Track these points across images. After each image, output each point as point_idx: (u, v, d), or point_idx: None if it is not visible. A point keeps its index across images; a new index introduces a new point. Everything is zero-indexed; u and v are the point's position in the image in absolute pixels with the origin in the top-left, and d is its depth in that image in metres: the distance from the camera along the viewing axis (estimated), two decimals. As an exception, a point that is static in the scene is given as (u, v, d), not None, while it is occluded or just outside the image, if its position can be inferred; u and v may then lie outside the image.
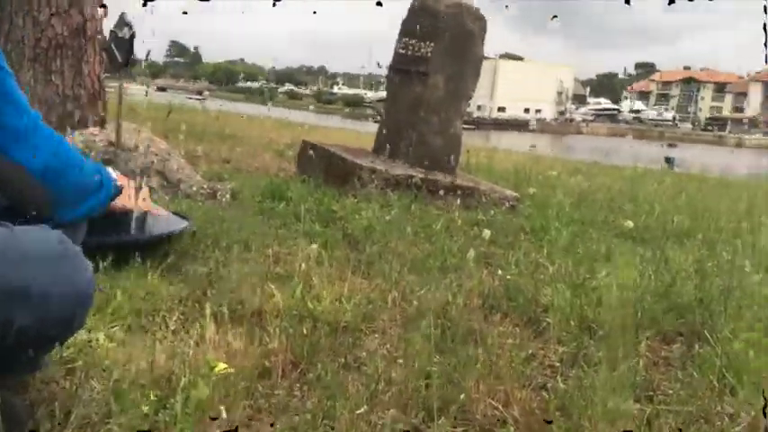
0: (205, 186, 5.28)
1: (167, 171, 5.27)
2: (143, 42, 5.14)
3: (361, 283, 3.18)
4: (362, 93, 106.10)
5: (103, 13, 5.56)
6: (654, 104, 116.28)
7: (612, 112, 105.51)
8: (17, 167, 1.71)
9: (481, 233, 4.58)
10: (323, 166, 6.11)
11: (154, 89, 32.73)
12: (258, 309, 2.68)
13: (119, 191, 2.04)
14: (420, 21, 6.08)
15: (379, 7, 1.84)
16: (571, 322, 2.94)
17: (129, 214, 2.61)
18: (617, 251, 4.48)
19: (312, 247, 3.27)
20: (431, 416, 2.02)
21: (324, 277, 3.12)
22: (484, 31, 6.16)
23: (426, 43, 6.02)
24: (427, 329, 2.58)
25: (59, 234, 1.52)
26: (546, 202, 6.30)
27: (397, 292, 3.07)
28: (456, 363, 2.33)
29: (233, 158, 7.93)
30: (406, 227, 4.51)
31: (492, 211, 5.33)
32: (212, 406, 1.80)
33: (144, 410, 1.73)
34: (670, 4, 1.73)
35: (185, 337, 2.33)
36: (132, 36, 4.40)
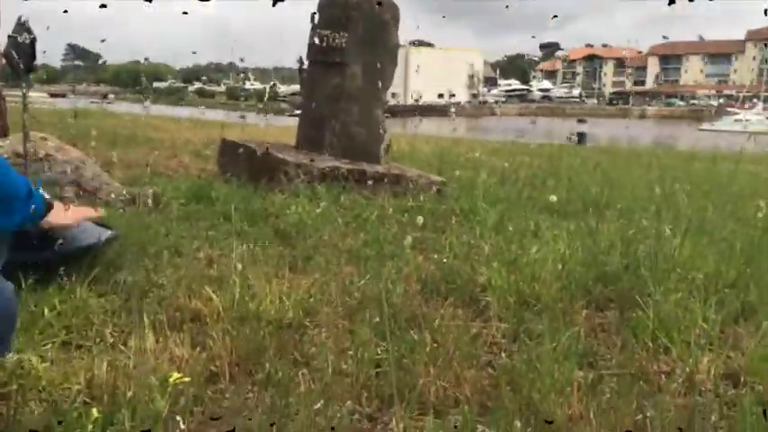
0: (124, 193, 5.07)
1: (82, 180, 5.03)
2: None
3: (300, 279, 3.14)
4: (276, 87, 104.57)
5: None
6: (561, 83, 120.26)
7: (522, 92, 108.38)
8: None
9: (413, 219, 4.61)
10: (246, 163, 5.99)
11: (47, 96, 30.73)
12: (197, 314, 2.61)
13: (49, 206, 1.94)
14: (332, 11, 6.04)
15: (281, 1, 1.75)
16: (509, 299, 3.01)
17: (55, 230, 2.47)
18: (544, 226, 4.62)
19: (245, 246, 3.21)
20: (386, 403, 2.03)
21: (261, 276, 3.06)
22: (397, 20, 6.18)
23: (340, 34, 5.99)
24: (372, 319, 2.58)
25: None
26: (471, 183, 6.41)
27: (336, 284, 3.06)
28: (404, 349, 2.34)
29: (150, 162, 7.66)
30: (337, 218, 4.49)
31: (421, 197, 5.38)
32: (162, 417, 1.74)
33: (89, 429, 1.65)
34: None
35: (124, 349, 2.24)
36: (33, 40, 4.15)
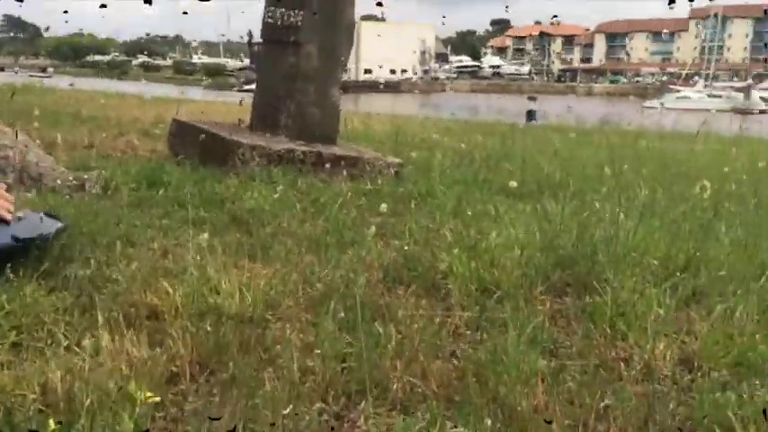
0: (71, 178, 4.88)
1: (25, 165, 4.81)
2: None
3: (260, 269, 3.08)
4: (224, 61, 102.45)
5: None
6: (511, 59, 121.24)
7: (474, 68, 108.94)
8: None
9: (372, 203, 4.59)
10: (198, 145, 5.84)
11: None
12: (154, 309, 2.53)
13: None
14: (287, -11, 5.90)
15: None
16: (470, 286, 3.02)
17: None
18: (501, 209, 4.65)
19: (203, 236, 3.12)
20: (353, 400, 2.01)
21: (219, 267, 2.98)
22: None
23: (295, 12, 5.86)
24: (335, 312, 2.55)
25: None
26: (428, 165, 6.41)
27: (297, 274, 3.01)
28: (369, 343, 2.32)
29: (96, 143, 7.40)
30: (295, 204, 4.43)
31: (379, 180, 5.35)
32: (122, 423, 1.68)
33: (47, 441, 1.58)
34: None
35: (78, 350, 2.15)
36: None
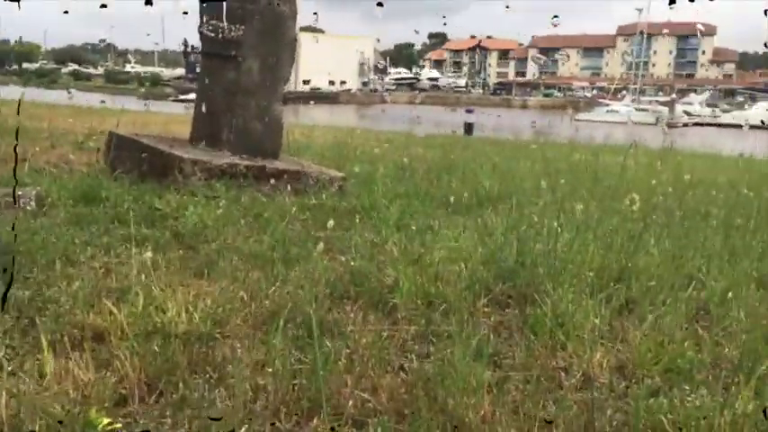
0: (2, 194, 4.71)
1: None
2: None
3: (206, 287, 3.07)
4: (159, 70, 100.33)
5: None
6: (448, 72, 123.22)
7: (412, 80, 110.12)
8: None
9: (316, 218, 4.63)
10: (137, 159, 5.73)
11: None
12: (99, 331, 2.50)
13: None
14: (227, 3, 5.87)
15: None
16: (416, 300, 3.09)
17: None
18: (443, 223, 4.76)
19: (146, 254, 3.08)
20: (306, 417, 2.04)
21: (164, 285, 2.96)
22: (295, 13, 6.10)
23: (236, 26, 5.84)
24: (284, 329, 2.57)
25: None
26: (370, 178, 6.47)
27: (244, 291, 3.01)
28: (319, 359, 2.35)
29: (28, 156, 7.15)
30: (239, 219, 4.41)
31: (323, 195, 5.38)
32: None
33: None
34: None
35: (22, 374, 2.11)
36: None
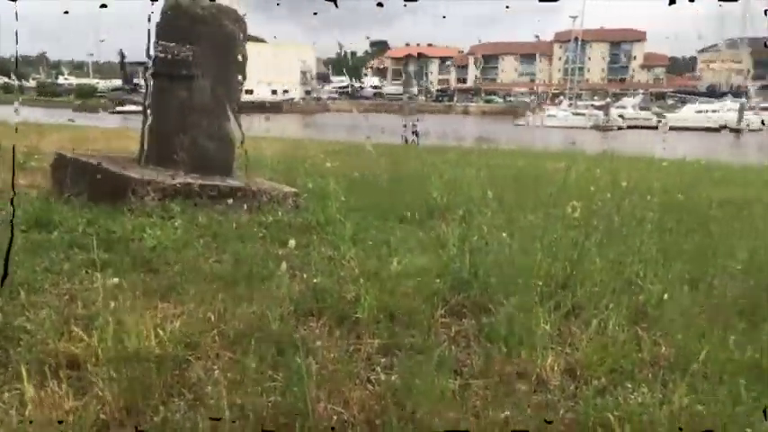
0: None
1: None
2: None
3: (173, 309, 3.15)
4: (94, 82, 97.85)
5: None
6: (391, 80, 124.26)
7: (355, 89, 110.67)
8: None
9: (274, 236, 4.73)
10: (87, 181, 5.70)
11: None
12: (74, 358, 2.55)
13: None
14: (177, 23, 5.92)
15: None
16: (377, 314, 3.24)
17: None
18: (398, 236, 4.93)
19: (113, 280, 3.14)
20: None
21: (131, 310, 3.02)
22: (244, 32, 6.19)
23: (187, 47, 5.89)
24: (255, 348, 2.68)
25: None
26: (323, 193, 6.57)
27: (211, 313, 3.10)
28: (290, 376, 2.48)
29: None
30: (197, 240, 4.48)
31: (278, 212, 5.47)
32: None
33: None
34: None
35: (3, 405, 2.16)
36: None
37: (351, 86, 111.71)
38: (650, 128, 56.47)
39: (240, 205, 5.47)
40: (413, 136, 20.40)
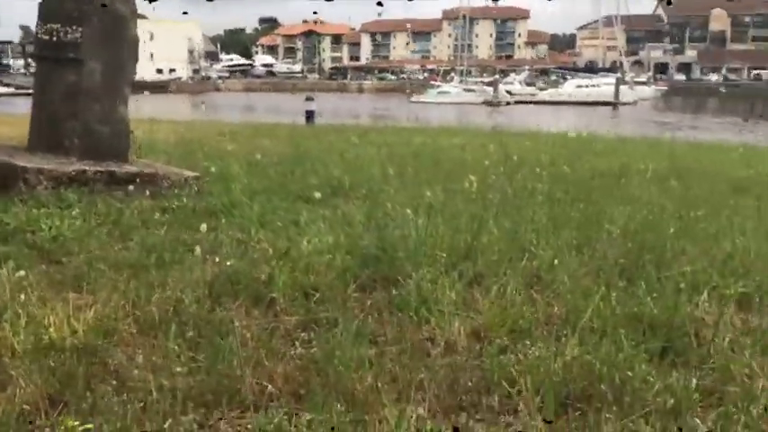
0: None
1: None
2: None
3: (85, 300, 3.11)
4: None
5: None
6: (283, 58, 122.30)
7: (246, 67, 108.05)
8: None
9: (179, 221, 4.70)
10: (-30, 171, 5.39)
11: None
12: (-14, 353, 2.50)
13: None
14: (62, 4, 5.65)
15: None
16: (292, 292, 3.35)
17: None
18: (305, 216, 5.02)
19: (20, 273, 3.05)
20: (211, 409, 2.25)
21: (41, 302, 2.97)
22: (135, 13, 6.00)
23: (74, 28, 5.64)
24: (175, 332, 2.73)
25: None
26: (225, 176, 6.56)
27: (125, 301, 3.09)
28: (213, 356, 2.55)
29: None
30: (100, 229, 4.38)
31: (181, 197, 5.41)
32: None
33: None
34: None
35: None
36: None
37: (241, 65, 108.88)
38: (536, 102, 59.12)
39: (140, 191, 5.36)
40: (309, 116, 20.36)
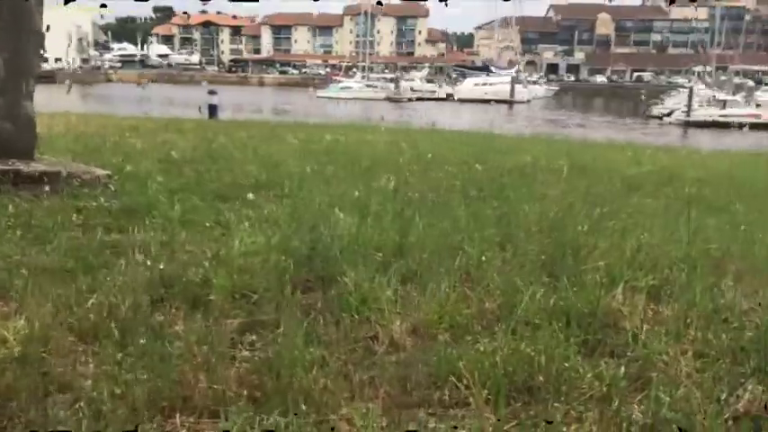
0: None
1: None
2: None
3: (10, 308, 2.96)
4: None
5: None
6: (179, 48, 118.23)
7: (140, 57, 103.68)
8: None
9: (96, 222, 4.53)
10: None
11: None
12: None
13: None
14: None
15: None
16: (230, 294, 3.32)
17: None
18: (228, 216, 4.95)
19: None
20: (166, 416, 2.21)
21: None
22: (41, 5, 5.66)
23: (-27, 18, 5.26)
24: (115, 338, 2.65)
25: None
26: (137, 174, 6.34)
27: (56, 307, 2.96)
28: (160, 362, 2.50)
29: None
30: (12, 232, 4.14)
31: (95, 197, 5.17)
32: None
33: None
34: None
35: None
36: None
37: (135, 55, 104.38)
38: (437, 99, 60.45)
39: (50, 191, 5.09)
40: (212, 110, 19.88)
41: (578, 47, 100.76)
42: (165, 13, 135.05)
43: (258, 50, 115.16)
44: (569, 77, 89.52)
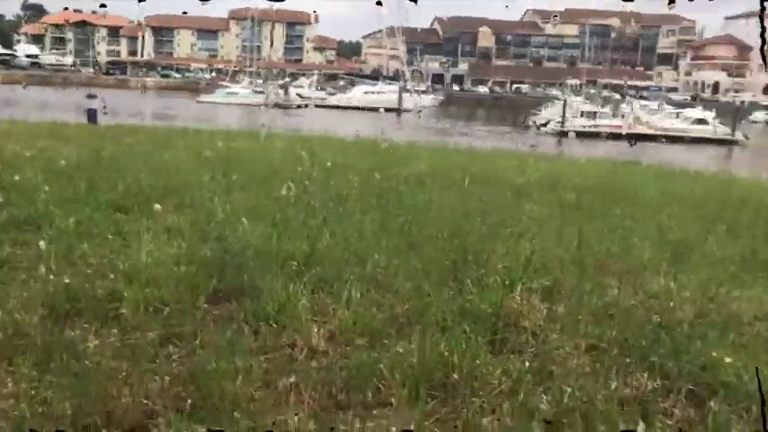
0: None
1: None
2: None
3: None
4: None
5: None
6: (50, 49, 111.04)
7: (6, 57, 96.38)
8: None
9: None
10: None
11: None
12: None
13: None
14: None
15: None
16: (140, 307, 3.26)
17: None
18: (126, 227, 4.81)
19: None
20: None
21: None
22: None
23: None
24: (23, 357, 2.56)
25: None
26: (22, 184, 5.99)
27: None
28: (72, 381, 2.44)
29: None
30: None
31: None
32: None
33: None
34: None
35: None
36: None
37: (1, 54, 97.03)
38: (326, 106, 60.55)
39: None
40: (91, 115, 18.91)
41: (462, 58, 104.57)
42: (34, 12, 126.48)
43: (137, 53, 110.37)
44: (454, 87, 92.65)
